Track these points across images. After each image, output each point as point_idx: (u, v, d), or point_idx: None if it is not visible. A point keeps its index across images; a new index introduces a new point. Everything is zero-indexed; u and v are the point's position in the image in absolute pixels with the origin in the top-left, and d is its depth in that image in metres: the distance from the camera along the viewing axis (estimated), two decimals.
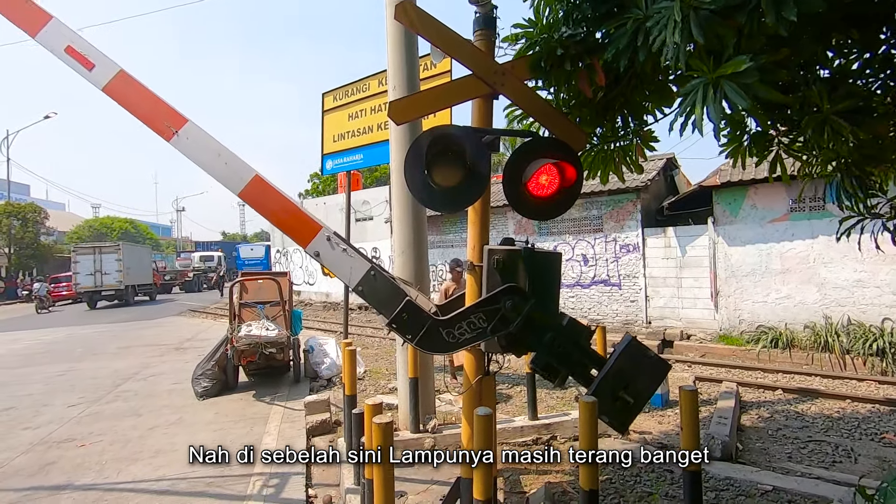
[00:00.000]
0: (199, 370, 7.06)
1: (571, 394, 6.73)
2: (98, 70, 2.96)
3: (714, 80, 1.96)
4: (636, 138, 3.40)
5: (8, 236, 30.36)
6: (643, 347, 2.59)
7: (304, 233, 2.85)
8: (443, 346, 2.64)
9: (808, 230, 9.23)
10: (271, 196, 2.92)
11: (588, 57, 2.77)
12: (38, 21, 3.02)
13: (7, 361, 10.20)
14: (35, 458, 4.92)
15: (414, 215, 5.10)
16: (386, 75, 6.75)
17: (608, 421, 2.56)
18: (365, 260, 2.84)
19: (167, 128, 2.91)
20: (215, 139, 2.99)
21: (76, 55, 2.97)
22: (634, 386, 2.49)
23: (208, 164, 2.93)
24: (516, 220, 13.94)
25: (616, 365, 2.50)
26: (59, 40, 3.00)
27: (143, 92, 2.99)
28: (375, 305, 2.87)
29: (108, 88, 2.94)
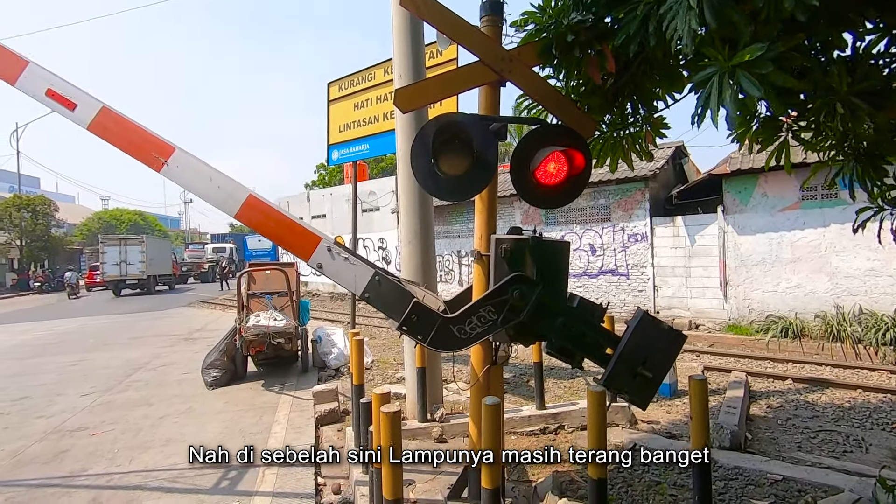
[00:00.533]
0: (209, 360, 7.13)
1: (579, 383, 6.73)
2: (80, 109, 2.93)
3: (729, 69, 1.91)
4: (646, 125, 3.34)
5: (19, 229, 30.70)
6: (656, 320, 2.56)
7: (304, 247, 2.83)
8: (455, 343, 2.62)
9: (819, 219, 9.11)
10: (268, 214, 2.89)
11: (598, 43, 2.72)
12: (16, 68, 2.97)
13: (21, 352, 10.36)
14: (49, 447, 5.00)
15: (420, 205, 5.08)
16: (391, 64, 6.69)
17: (629, 399, 2.54)
18: (369, 266, 2.82)
19: (156, 159, 2.88)
20: (205, 163, 2.97)
21: (57, 97, 2.93)
22: (652, 360, 2.46)
23: (201, 190, 2.91)
24: (523, 209, 13.88)
25: (631, 341, 2.48)
26: (38, 84, 2.96)
27: (128, 125, 2.96)
28: (384, 310, 2.86)
29: (91, 127, 2.91)
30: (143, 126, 2.98)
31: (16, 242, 31.15)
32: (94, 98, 2.96)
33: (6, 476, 4.35)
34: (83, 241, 47.04)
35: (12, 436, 5.35)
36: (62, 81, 2.98)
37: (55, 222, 34.22)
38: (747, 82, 1.83)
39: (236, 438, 5.07)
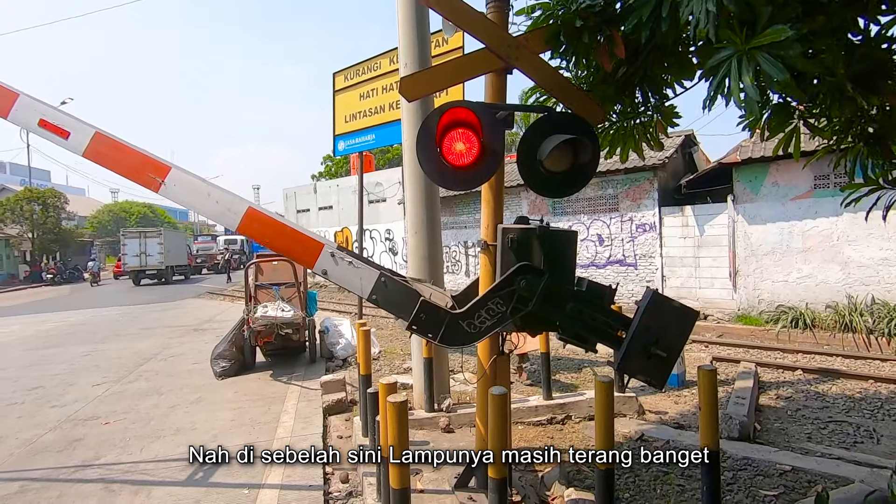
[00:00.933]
0: (218, 351, 7.19)
1: (587, 374, 6.71)
2: (74, 137, 2.92)
3: (746, 52, 1.86)
4: (657, 114, 3.29)
5: (31, 221, 31.05)
6: (666, 298, 2.54)
7: (307, 255, 2.83)
8: (465, 338, 2.61)
9: (832, 207, 8.97)
10: (269, 225, 2.89)
11: (607, 28, 2.66)
12: (7, 101, 2.96)
13: (34, 343, 10.52)
14: (62, 435, 5.08)
15: (427, 195, 5.05)
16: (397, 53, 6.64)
17: (644, 379, 2.53)
18: (373, 268, 2.81)
19: (153, 180, 2.88)
20: (203, 180, 2.98)
21: (50, 127, 2.92)
22: (665, 339, 2.44)
23: (200, 206, 2.91)
24: (530, 199, 13.80)
25: (642, 322, 2.45)
26: (31, 115, 2.95)
27: (122, 149, 2.96)
28: (392, 311, 2.86)
29: (87, 154, 2.91)
30: (137, 148, 2.99)
31: (28, 235, 31.52)
32: (87, 124, 2.96)
33: (21, 463, 4.43)
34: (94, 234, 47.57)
35: (27, 424, 5.44)
36: (54, 111, 2.99)
37: (66, 215, 34.56)
38: (769, 65, 1.77)
39: (246, 428, 5.12)
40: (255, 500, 3.64)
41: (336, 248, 2.85)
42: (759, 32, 1.82)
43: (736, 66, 1.88)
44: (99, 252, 44.63)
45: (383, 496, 3.15)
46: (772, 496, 3.45)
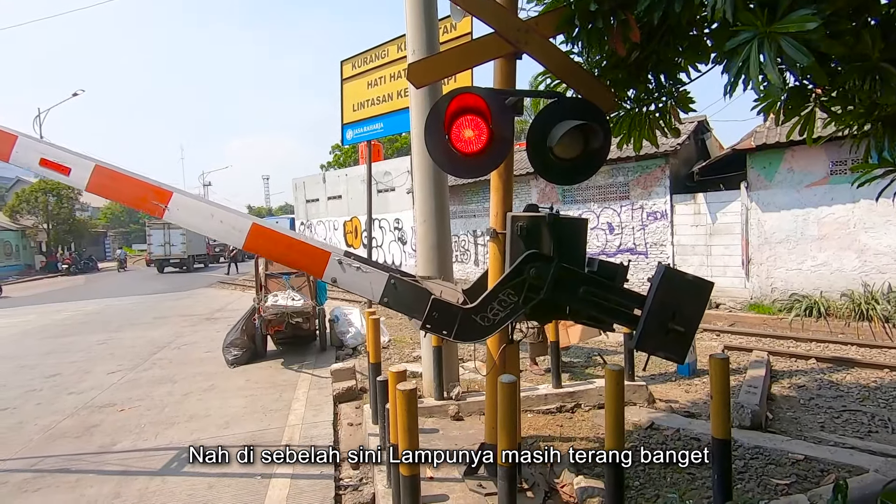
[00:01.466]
0: (230, 339, 7.27)
1: (596, 362, 6.70)
2: (75, 172, 2.94)
3: (767, 34, 1.79)
4: (671, 100, 3.22)
5: (45, 212, 31.52)
6: (679, 272, 2.51)
7: (315, 264, 2.83)
8: (480, 332, 2.60)
9: (848, 194, 8.78)
10: (274, 239, 2.89)
11: (622, 12, 2.60)
12: (7, 144, 2.98)
13: (52, 331, 10.72)
14: (80, 421, 5.19)
15: (436, 183, 5.03)
16: (405, 40, 6.57)
17: (664, 356, 2.51)
18: (381, 271, 2.81)
19: (156, 206, 2.89)
20: (205, 201, 3.00)
21: (51, 165, 2.94)
22: (681, 313, 2.41)
23: (205, 227, 2.92)
24: (540, 188, 13.70)
25: (657, 298, 2.43)
26: (31, 156, 2.97)
27: (124, 178, 2.98)
28: (405, 312, 2.86)
29: (90, 187, 2.93)
30: (138, 176, 3.01)
31: (43, 226, 32.01)
32: (86, 158, 2.98)
33: (40, 448, 4.53)
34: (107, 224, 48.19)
35: (45, 411, 5.56)
36: (53, 148, 3.01)
37: (79, 206, 35.07)
38: (792, 49, 1.71)
39: (258, 415, 5.19)
40: (267, 486, 3.70)
41: (343, 255, 2.85)
42: (781, 16, 1.76)
43: (757, 49, 1.83)
44: (112, 242, 45.27)
45: (393, 483, 3.18)
46: (784, 485, 3.43)
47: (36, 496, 3.70)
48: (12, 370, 7.43)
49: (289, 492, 3.61)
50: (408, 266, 18.50)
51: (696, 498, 3.29)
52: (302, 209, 24.91)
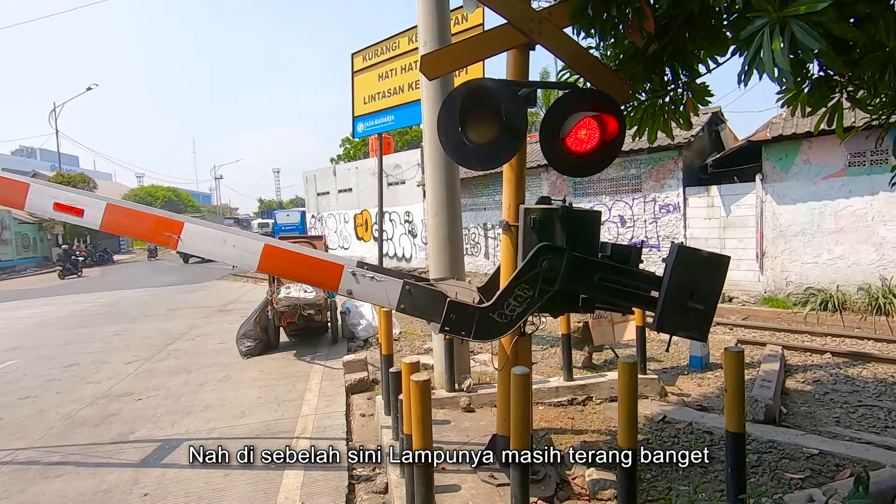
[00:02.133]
0: (243, 331, 7.36)
1: (608, 355, 6.68)
2: (88, 213, 2.99)
3: (780, 20, 1.76)
4: (687, 92, 3.17)
5: None
6: (694, 250, 2.50)
7: (330, 278, 2.86)
8: (499, 329, 2.61)
9: (867, 186, 8.62)
10: (287, 258, 2.93)
11: (636, 0, 2.57)
12: (20, 193, 3.04)
13: (69, 322, 10.93)
14: (98, 410, 5.30)
15: (447, 175, 5.02)
16: (416, 32, 6.53)
17: (686, 335, 2.51)
18: (395, 278, 2.83)
19: (169, 237, 2.94)
20: (216, 228, 3.04)
21: (64, 208, 3.00)
22: (699, 291, 2.40)
23: (218, 253, 2.96)
24: (551, 180, 13.62)
25: (673, 278, 2.41)
26: (45, 201, 3.02)
27: (136, 214, 3.05)
28: (421, 316, 2.88)
29: (104, 226, 2.98)
30: (149, 211, 3.07)
31: None
32: (98, 198, 3.04)
33: (61, 435, 4.64)
34: None
35: (65, 399, 5.68)
36: (65, 192, 3.07)
37: None
38: (804, 34, 1.68)
39: (272, 405, 5.26)
40: (281, 475, 3.75)
41: (356, 267, 2.87)
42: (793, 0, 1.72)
43: (769, 36, 1.79)
44: None
45: (406, 473, 3.21)
46: (798, 479, 3.41)
47: (58, 481, 3.80)
48: (33, 360, 7.59)
49: (303, 481, 3.66)
50: (418, 259, 18.55)
51: (708, 491, 3.28)
52: (313, 202, 25.03)
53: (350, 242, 22.47)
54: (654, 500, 3.26)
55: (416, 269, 18.32)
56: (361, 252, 21.72)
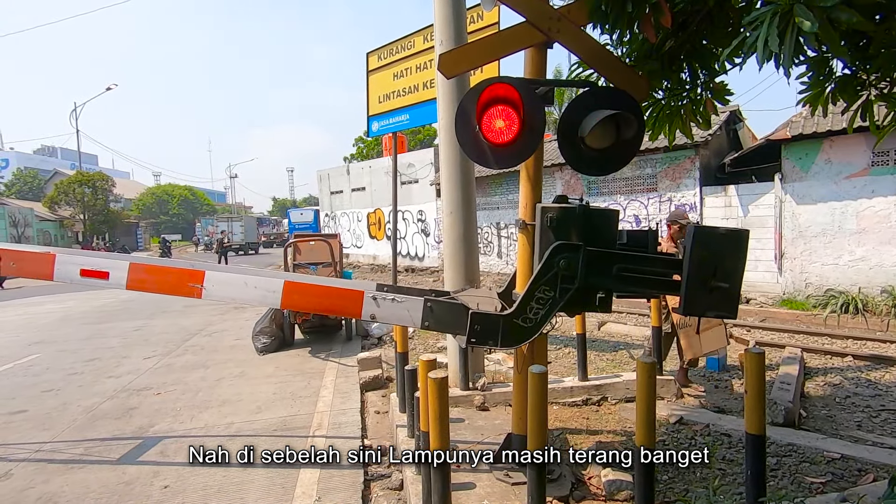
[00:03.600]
0: (258, 328, 7.46)
1: (622, 356, 6.63)
2: (113, 275, 3.05)
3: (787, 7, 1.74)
4: (706, 91, 3.14)
5: (81, 203, 32.69)
6: (710, 228, 2.49)
7: (352, 306, 2.87)
8: (525, 334, 2.61)
9: (891, 185, 8.43)
10: (309, 291, 2.96)
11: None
12: (48, 265, 3.11)
13: (90, 318, 11.17)
14: (119, 404, 5.41)
15: (463, 174, 5.03)
16: (430, 31, 6.54)
17: (715, 315, 2.49)
18: (415, 297, 2.84)
19: (193, 287, 2.97)
20: (237, 271, 3.08)
21: (90, 273, 3.06)
22: (722, 269, 2.38)
23: (241, 297, 2.99)
24: (565, 179, 13.55)
25: (694, 258, 2.39)
26: (71, 269, 3.09)
27: (158, 270, 3.11)
28: (448, 331, 2.88)
29: (129, 285, 3.04)
30: (170, 264, 3.14)
31: (79, 216, 33.21)
32: (120, 258, 3.13)
33: (84, 428, 4.75)
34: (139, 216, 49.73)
35: (87, 393, 5.81)
36: (88, 258, 3.15)
37: (113, 197, 36.32)
38: (802, 13, 1.66)
39: (287, 401, 5.32)
40: (298, 471, 3.79)
41: (375, 290, 2.89)
42: None
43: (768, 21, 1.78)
44: (144, 233, 46.71)
45: (423, 470, 3.22)
46: (819, 483, 3.35)
47: (81, 472, 3.89)
48: (55, 354, 7.77)
49: (319, 476, 3.70)
50: (431, 258, 18.58)
51: (727, 493, 3.24)
52: (326, 201, 25.21)
53: (363, 241, 22.59)
54: (671, 501, 3.23)
55: (429, 268, 18.37)
56: (374, 251, 21.84)
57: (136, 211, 51.10)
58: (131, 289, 3.05)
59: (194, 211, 57.49)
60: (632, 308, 9.46)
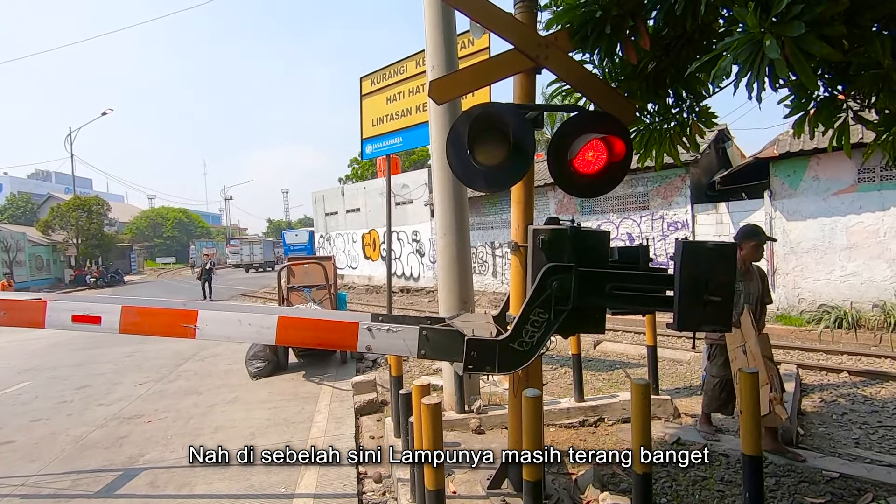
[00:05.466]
0: (252, 352, 7.37)
1: (619, 375, 6.60)
2: (105, 319, 3.01)
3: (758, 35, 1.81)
4: (692, 115, 3.21)
5: (76, 227, 32.57)
6: (700, 243, 2.50)
7: (347, 338, 2.85)
8: (521, 358, 2.60)
9: (878, 201, 8.57)
10: (303, 325, 2.95)
11: (632, 19, 2.62)
12: (39, 313, 3.09)
13: (81, 343, 11.01)
14: (109, 432, 5.30)
15: (455, 196, 5.07)
16: (423, 56, 6.66)
17: (710, 329, 2.48)
18: (410, 326, 2.84)
19: (186, 328, 2.94)
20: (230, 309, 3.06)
21: (83, 318, 3.03)
22: (713, 283, 2.38)
23: (236, 335, 2.96)
24: (557, 199, 13.66)
25: (685, 274, 2.40)
26: (64, 316, 3.06)
27: (151, 312, 3.08)
28: (444, 359, 2.86)
29: (122, 328, 2.99)
30: (163, 305, 3.10)
31: (73, 240, 33.05)
32: (111, 303, 3.08)
33: (72, 458, 4.65)
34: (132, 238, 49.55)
35: (76, 422, 5.70)
36: (80, 303, 3.11)
37: (107, 221, 36.20)
38: (771, 47, 1.73)
39: (281, 427, 5.24)
40: (291, 501, 3.72)
41: (370, 322, 2.88)
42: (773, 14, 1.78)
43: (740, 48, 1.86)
44: (138, 256, 46.50)
45: (417, 497, 3.17)
46: (818, 503, 3.32)
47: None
48: (45, 382, 7.64)
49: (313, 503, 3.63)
50: (425, 278, 18.56)
51: None
52: (321, 222, 25.26)
53: (358, 262, 22.56)
54: None
55: (424, 288, 18.33)
56: (370, 271, 21.79)
57: (130, 234, 50.92)
58: (125, 332, 3.00)
59: (188, 233, 57.38)
60: (627, 326, 9.45)
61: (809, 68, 1.83)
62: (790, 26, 1.74)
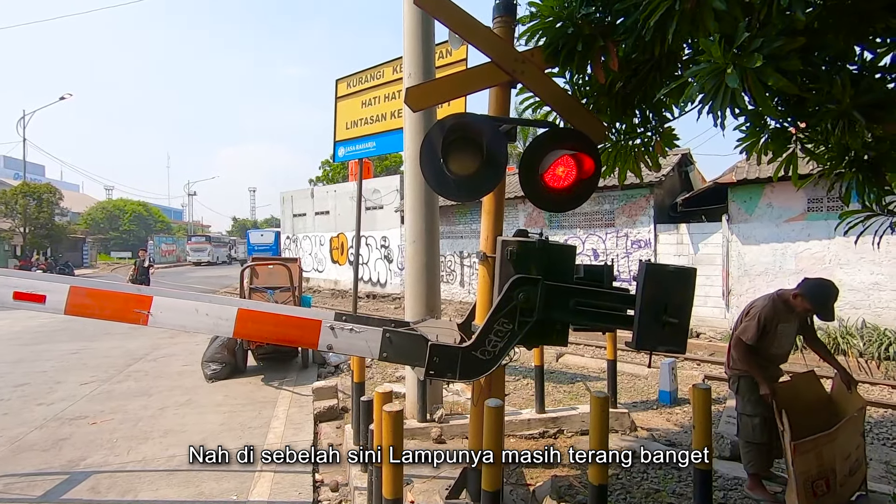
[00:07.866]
0: (209, 353, 7.13)
1: (579, 388, 6.71)
2: (50, 298, 2.85)
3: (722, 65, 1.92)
4: (656, 135, 3.33)
5: (24, 216, 30.83)
6: (661, 265, 2.59)
7: (309, 336, 2.79)
8: (483, 366, 2.61)
9: (825, 230, 9.07)
10: (263, 319, 2.85)
11: (602, 39, 2.71)
12: None
13: (23, 338, 10.39)
14: (48, 434, 5.01)
15: (426, 204, 5.07)
16: (400, 63, 6.68)
17: (666, 350, 2.55)
18: (374, 327, 2.81)
19: (139, 314, 2.81)
20: (187, 298, 2.93)
21: (25, 296, 2.86)
22: (672, 304, 2.46)
23: (191, 324, 2.85)
24: (527, 212, 13.87)
25: (646, 295, 2.48)
26: (4, 292, 2.86)
27: (101, 294, 2.91)
28: (406, 363, 2.83)
29: (68, 310, 2.84)
30: (115, 288, 2.94)
31: (20, 229, 31.25)
32: (59, 281, 2.92)
33: (6, 461, 4.36)
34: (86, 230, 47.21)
35: (12, 422, 5.36)
36: (23, 280, 2.92)
37: (59, 210, 34.42)
38: (731, 76, 1.84)
39: (236, 432, 5.07)
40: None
41: (333, 320, 2.84)
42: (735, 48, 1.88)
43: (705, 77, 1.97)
44: (91, 249, 44.32)
45: None
46: None
47: None
48: None
49: None
50: (393, 284, 18.44)
51: None
52: (289, 223, 24.78)
53: (325, 265, 22.21)
54: None
55: (391, 295, 18.20)
56: (336, 275, 21.49)
57: (85, 225, 48.53)
58: (71, 314, 2.83)
59: (148, 228, 55.19)
60: (589, 340, 9.63)
61: (767, 99, 1.94)
62: (751, 58, 1.84)
